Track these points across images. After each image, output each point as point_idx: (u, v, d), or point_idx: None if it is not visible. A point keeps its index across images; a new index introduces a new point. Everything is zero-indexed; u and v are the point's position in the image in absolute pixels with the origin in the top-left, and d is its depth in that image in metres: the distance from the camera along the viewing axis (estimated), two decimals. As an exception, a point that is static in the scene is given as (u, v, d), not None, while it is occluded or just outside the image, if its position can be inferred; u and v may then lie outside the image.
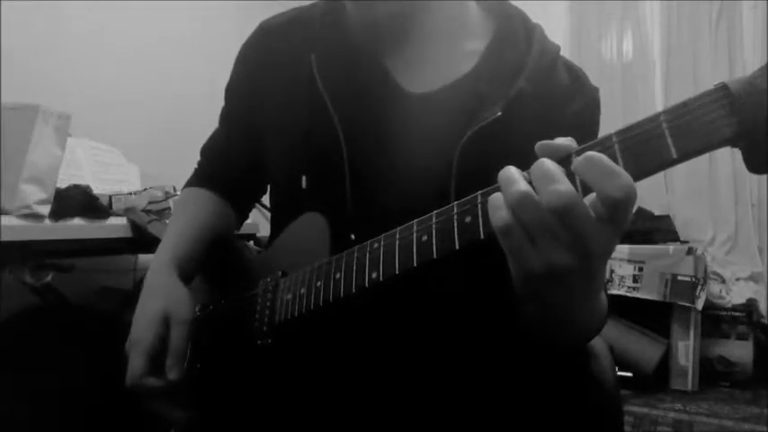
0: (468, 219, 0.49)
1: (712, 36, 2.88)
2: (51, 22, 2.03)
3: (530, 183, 0.43)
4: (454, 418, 0.65)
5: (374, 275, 0.56)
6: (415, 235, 0.53)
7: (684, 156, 0.40)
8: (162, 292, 0.74)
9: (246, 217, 0.95)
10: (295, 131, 0.72)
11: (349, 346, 0.67)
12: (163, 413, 0.71)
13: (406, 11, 0.70)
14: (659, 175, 2.94)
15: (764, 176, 2.79)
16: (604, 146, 0.43)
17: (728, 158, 2.81)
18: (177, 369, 0.69)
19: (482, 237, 0.48)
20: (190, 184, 0.91)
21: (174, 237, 0.81)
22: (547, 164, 0.43)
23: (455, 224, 0.50)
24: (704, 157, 2.86)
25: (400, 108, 0.70)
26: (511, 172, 0.44)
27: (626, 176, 0.40)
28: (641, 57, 3.05)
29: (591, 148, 0.43)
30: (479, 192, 0.49)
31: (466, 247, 0.49)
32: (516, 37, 0.73)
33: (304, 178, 0.70)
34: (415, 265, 0.53)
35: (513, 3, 0.78)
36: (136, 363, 0.70)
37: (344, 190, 0.67)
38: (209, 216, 0.85)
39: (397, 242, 0.55)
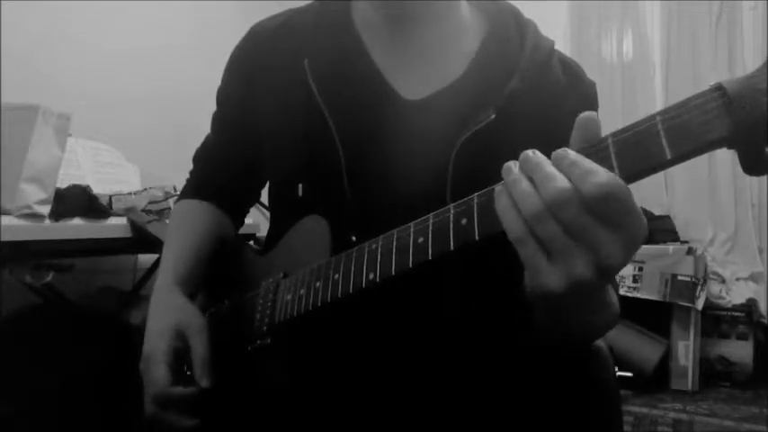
0: (463, 221, 0.49)
1: (712, 36, 2.87)
2: (51, 22, 2.03)
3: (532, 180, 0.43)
4: (454, 418, 0.65)
5: (371, 276, 0.56)
6: (411, 236, 0.54)
7: (678, 157, 0.40)
8: (171, 308, 0.74)
9: (242, 222, 0.95)
10: (291, 138, 0.72)
11: (348, 346, 0.67)
12: (179, 423, 0.69)
13: (414, 10, 0.70)
14: (659, 176, 2.94)
15: (764, 177, 2.79)
16: (599, 147, 0.43)
17: (728, 159, 2.81)
18: (208, 376, 0.68)
19: (477, 238, 0.48)
20: (184, 195, 0.91)
21: (174, 258, 0.80)
22: (579, 156, 0.42)
23: (451, 226, 0.50)
24: (704, 158, 2.86)
25: (396, 114, 0.70)
26: (524, 187, 0.43)
27: (602, 174, 0.40)
28: (641, 57, 3.04)
29: (586, 150, 0.43)
30: (475, 194, 0.50)
31: (461, 249, 0.49)
32: (508, 35, 0.72)
33: (300, 186, 0.70)
34: (410, 266, 0.53)
35: (510, 1, 0.77)
36: (158, 373, 0.68)
37: (343, 193, 0.67)
38: (206, 231, 0.84)
39: (394, 243, 0.55)
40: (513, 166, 0.45)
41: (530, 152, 0.44)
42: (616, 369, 0.74)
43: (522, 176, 0.44)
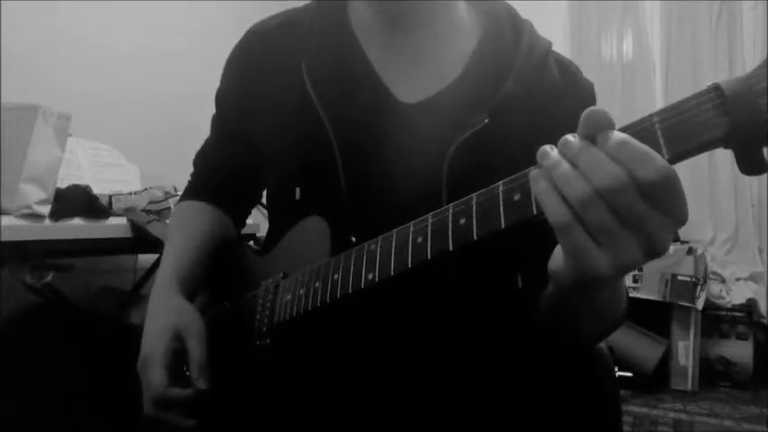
0: (462, 220, 0.49)
1: (712, 36, 2.88)
2: (51, 22, 2.02)
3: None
4: (453, 418, 0.65)
5: (370, 276, 0.56)
6: (410, 236, 0.54)
7: (676, 157, 0.39)
8: (169, 309, 0.74)
9: (244, 223, 0.95)
10: (287, 141, 0.72)
11: (348, 346, 0.67)
12: (178, 423, 0.70)
13: (410, 11, 0.70)
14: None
15: (764, 176, 2.79)
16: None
17: (728, 159, 2.81)
18: (204, 378, 0.68)
19: (475, 239, 0.48)
20: (185, 196, 0.91)
21: (174, 257, 0.80)
22: (630, 139, 0.39)
23: (449, 225, 0.50)
24: (704, 158, 2.86)
25: (392, 117, 0.70)
26: (565, 171, 0.41)
27: (659, 158, 0.38)
28: (641, 57, 3.05)
29: None
30: (474, 194, 0.50)
31: (460, 249, 0.49)
32: (504, 37, 0.72)
33: (298, 190, 0.70)
34: (409, 266, 0.53)
35: (509, 2, 0.77)
36: (156, 375, 0.68)
37: (341, 194, 0.67)
38: (207, 231, 0.84)
39: (393, 243, 0.55)
40: (549, 150, 0.42)
41: (569, 136, 0.42)
42: (616, 369, 0.74)
43: (562, 160, 0.41)
